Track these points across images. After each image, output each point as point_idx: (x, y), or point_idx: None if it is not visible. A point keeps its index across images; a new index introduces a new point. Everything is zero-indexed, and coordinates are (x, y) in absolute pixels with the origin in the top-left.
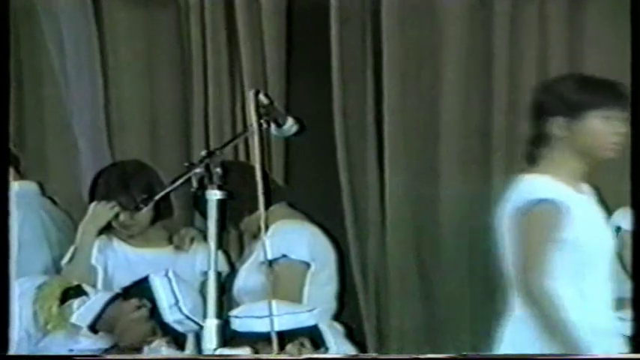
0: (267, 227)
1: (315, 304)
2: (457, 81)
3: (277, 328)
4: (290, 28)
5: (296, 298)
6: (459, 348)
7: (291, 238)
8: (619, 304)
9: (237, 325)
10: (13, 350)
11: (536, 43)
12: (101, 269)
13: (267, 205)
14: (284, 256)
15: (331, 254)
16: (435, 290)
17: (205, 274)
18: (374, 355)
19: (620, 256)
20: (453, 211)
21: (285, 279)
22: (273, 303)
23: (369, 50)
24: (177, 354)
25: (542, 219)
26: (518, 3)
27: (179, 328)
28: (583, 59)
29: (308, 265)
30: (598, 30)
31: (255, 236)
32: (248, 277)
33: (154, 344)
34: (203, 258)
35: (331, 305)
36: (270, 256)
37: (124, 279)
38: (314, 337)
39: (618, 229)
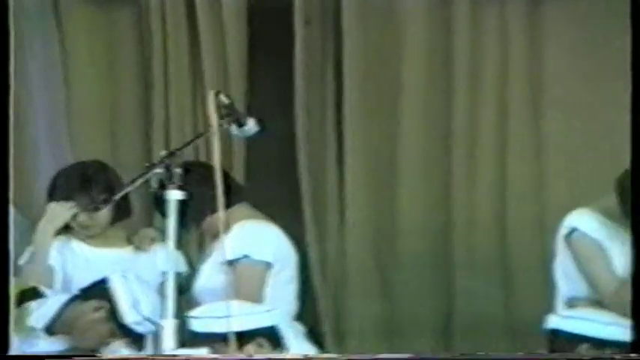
0: (229, 227)
1: (277, 305)
2: (418, 81)
3: (235, 328)
4: (251, 28)
5: (257, 298)
6: (417, 348)
7: (253, 238)
8: (573, 303)
9: (195, 325)
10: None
11: (496, 43)
12: (59, 270)
13: (228, 206)
14: (246, 256)
15: (292, 254)
16: (394, 291)
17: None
18: (333, 355)
19: (576, 258)
20: (413, 212)
21: (246, 279)
22: (233, 303)
23: (330, 51)
24: (136, 355)
25: None
26: (478, 3)
27: (138, 329)
28: (543, 59)
29: (270, 265)
30: (558, 30)
31: (217, 236)
32: (209, 277)
33: (113, 345)
34: (163, 258)
35: (293, 305)
36: (231, 256)
37: (82, 280)
38: (273, 337)
39: (573, 230)
